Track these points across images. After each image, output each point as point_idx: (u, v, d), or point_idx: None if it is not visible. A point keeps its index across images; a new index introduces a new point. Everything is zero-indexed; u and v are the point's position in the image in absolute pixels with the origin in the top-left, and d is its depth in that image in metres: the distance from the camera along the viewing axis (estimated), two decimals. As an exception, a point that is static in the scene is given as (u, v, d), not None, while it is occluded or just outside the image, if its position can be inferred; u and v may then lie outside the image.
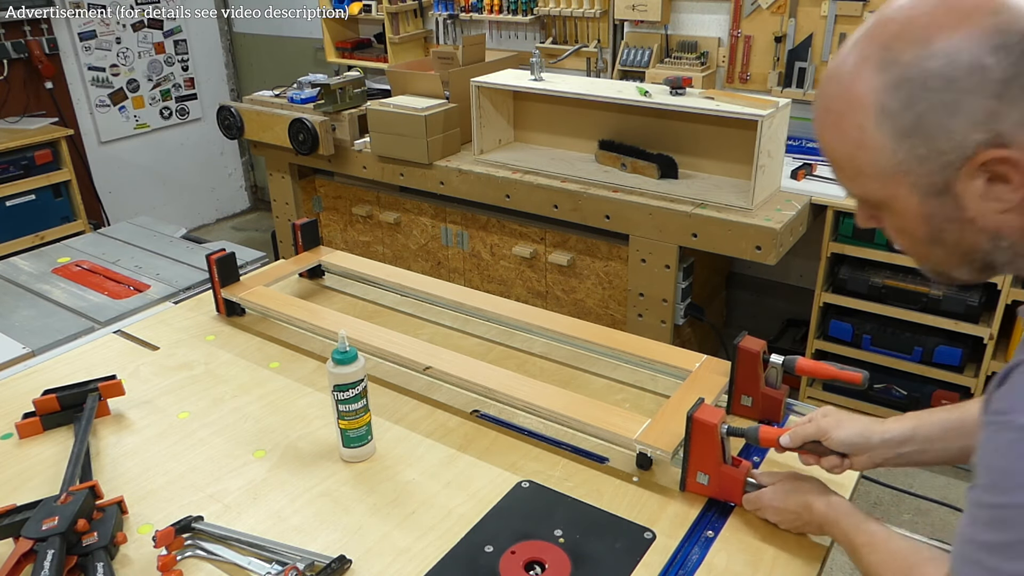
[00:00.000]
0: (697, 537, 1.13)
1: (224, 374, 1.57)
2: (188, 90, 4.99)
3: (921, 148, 0.71)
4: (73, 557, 1.07)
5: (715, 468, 1.17)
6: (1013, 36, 0.66)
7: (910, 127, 0.70)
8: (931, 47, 0.68)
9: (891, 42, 0.71)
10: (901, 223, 0.78)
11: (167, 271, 2.10)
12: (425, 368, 1.46)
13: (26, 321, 1.84)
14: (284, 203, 3.82)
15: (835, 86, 0.76)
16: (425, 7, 3.98)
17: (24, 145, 3.83)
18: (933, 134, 0.70)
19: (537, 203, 2.92)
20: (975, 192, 0.71)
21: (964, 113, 0.68)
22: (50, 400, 1.40)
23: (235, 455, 1.33)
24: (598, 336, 1.57)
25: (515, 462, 1.30)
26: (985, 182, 0.70)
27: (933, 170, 0.71)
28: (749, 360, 1.33)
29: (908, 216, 0.76)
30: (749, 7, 3.07)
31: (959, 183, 0.71)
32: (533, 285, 3.19)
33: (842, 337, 2.91)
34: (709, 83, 3.22)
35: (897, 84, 0.70)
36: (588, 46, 3.49)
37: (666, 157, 2.85)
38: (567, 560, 1.08)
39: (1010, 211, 0.71)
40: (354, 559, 1.09)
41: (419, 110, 3.08)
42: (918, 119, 0.70)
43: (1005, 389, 0.70)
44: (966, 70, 0.67)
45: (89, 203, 4.38)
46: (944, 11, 0.69)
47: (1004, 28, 0.66)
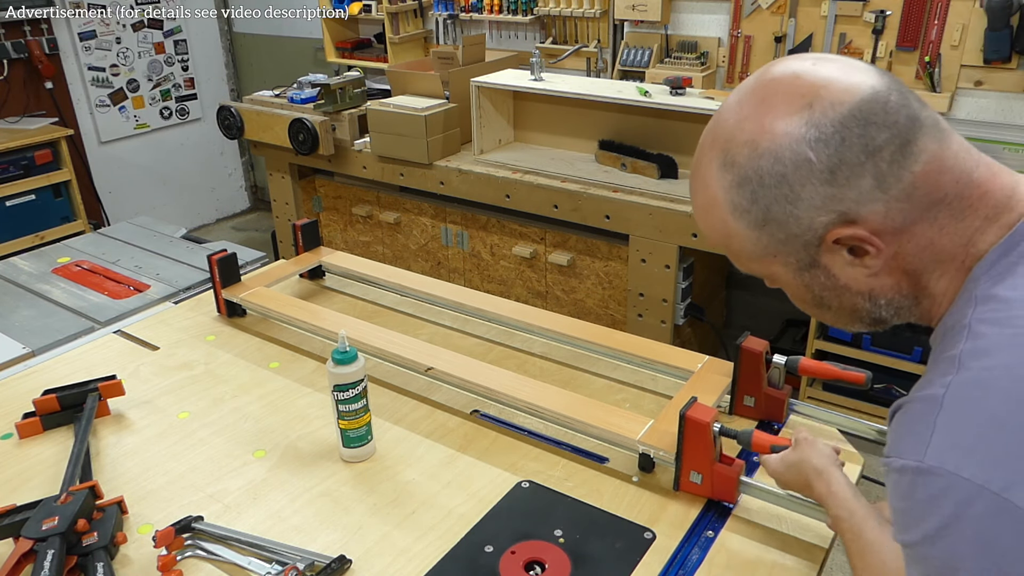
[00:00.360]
0: (697, 537, 1.13)
1: (224, 374, 1.57)
2: (188, 90, 4.99)
3: (779, 233, 0.75)
4: (73, 557, 1.07)
5: (708, 467, 1.17)
6: (827, 128, 0.70)
7: (762, 218, 0.75)
8: (759, 147, 0.72)
9: (727, 144, 0.75)
10: (790, 291, 0.83)
11: (167, 271, 2.10)
12: (427, 369, 1.46)
13: (26, 321, 1.84)
14: (284, 203, 3.82)
15: (697, 183, 0.81)
16: (425, 7, 3.98)
17: (24, 145, 3.83)
18: (784, 222, 0.74)
19: (537, 203, 2.92)
20: (842, 262, 0.75)
21: (804, 201, 0.72)
22: (50, 400, 1.40)
23: (235, 455, 1.33)
24: (598, 336, 1.57)
25: (515, 462, 1.30)
26: (848, 253, 0.74)
27: (796, 249, 0.75)
28: (752, 360, 1.33)
29: (791, 287, 0.82)
30: (749, 7, 3.07)
31: (823, 257, 0.75)
32: (533, 285, 3.19)
33: (842, 337, 2.91)
34: (709, 83, 3.22)
35: (740, 183, 0.75)
36: (588, 46, 3.48)
37: (666, 157, 2.85)
38: (567, 560, 1.08)
39: (878, 274, 0.75)
40: (354, 559, 1.09)
41: (419, 110, 3.08)
42: (766, 211, 0.74)
43: (889, 431, 0.73)
44: (792, 165, 0.71)
45: (89, 203, 4.38)
46: (765, 109, 0.73)
47: (817, 122, 0.70)
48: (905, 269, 0.74)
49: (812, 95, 0.71)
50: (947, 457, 0.64)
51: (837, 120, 0.69)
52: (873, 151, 0.69)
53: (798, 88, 0.72)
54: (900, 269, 0.75)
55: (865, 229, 0.71)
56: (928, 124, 0.71)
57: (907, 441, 0.68)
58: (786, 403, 1.36)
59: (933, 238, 0.72)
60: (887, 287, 0.76)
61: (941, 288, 0.75)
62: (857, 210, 0.71)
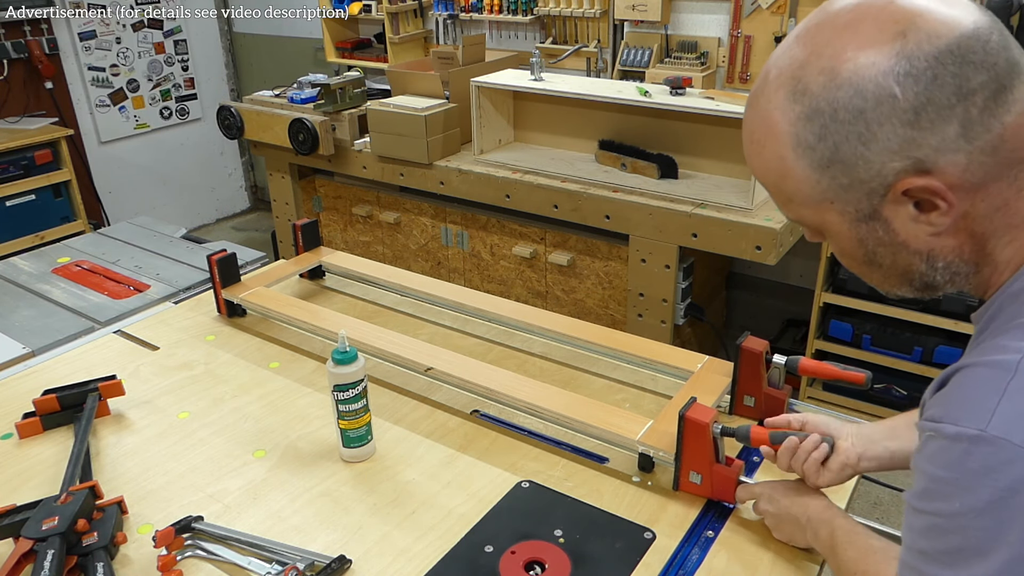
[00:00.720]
0: (697, 537, 1.13)
1: (224, 374, 1.57)
2: (188, 90, 4.99)
3: (843, 177, 0.69)
4: (73, 557, 1.07)
5: (707, 467, 1.17)
6: (919, 62, 0.63)
7: (828, 158, 0.69)
8: (838, 77, 0.66)
9: (800, 71, 0.69)
10: (839, 245, 0.77)
11: (167, 271, 2.10)
12: (426, 369, 1.46)
13: (26, 321, 1.84)
14: (284, 203, 3.82)
15: (754, 114, 0.74)
16: (425, 7, 3.98)
17: (24, 145, 3.83)
18: (852, 164, 0.68)
19: (537, 203, 2.92)
20: (905, 217, 0.70)
21: (878, 142, 0.66)
22: (50, 400, 1.40)
23: (235, 455, 1.33)
24: (598, 336, 1.57)
25: (515, 462, 1.30)
26: (913, 207, 0.69)
27: (858, 197, 0.70)
28: (752, 360, 1.33)
29: (843, 239, 0.75)
30: (749, 7, 3.07)
31: (886, 209, 0.70)
32: (533, 285, 3.19)
33: (842, 337, 2.91)
34: (709, 83, 3.22)
35: (809, 116, 0.68)
36: (588, 46, 3.48)
37: (666, 157, 2.85)
38: (567, 560, 1.08)
39: (941, 234, 0.70)
40: (354, 559, 1.09)
41: (419, 110, 3.08)
42: (835, 149, 0.68)
43: (940, 395, 0.69)
44: (874, 100, 0.65)
45: (89, 203, 4.38)
46: (851, 35, 0.66)
47: (910, 54, 0.64)
48: (972, 231, 0.69)
49: (907, 23, 0.64)
50: (1015, 428, 0.60)
51: (932, 55, 0.63)
52: (966, 94, 0.63)
53: (892, 14, 0.65)
54: (967, 230, 0.69)
55: (940, 181, 0.65)
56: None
57: (967, 406, 0.63)
58: (786, 403, 1.36)
59: (1009, 200, 0.67)
60: (948, 249, 0.70)
61: (1007, 256, 0.69)
62: (935, 159, 0.65)
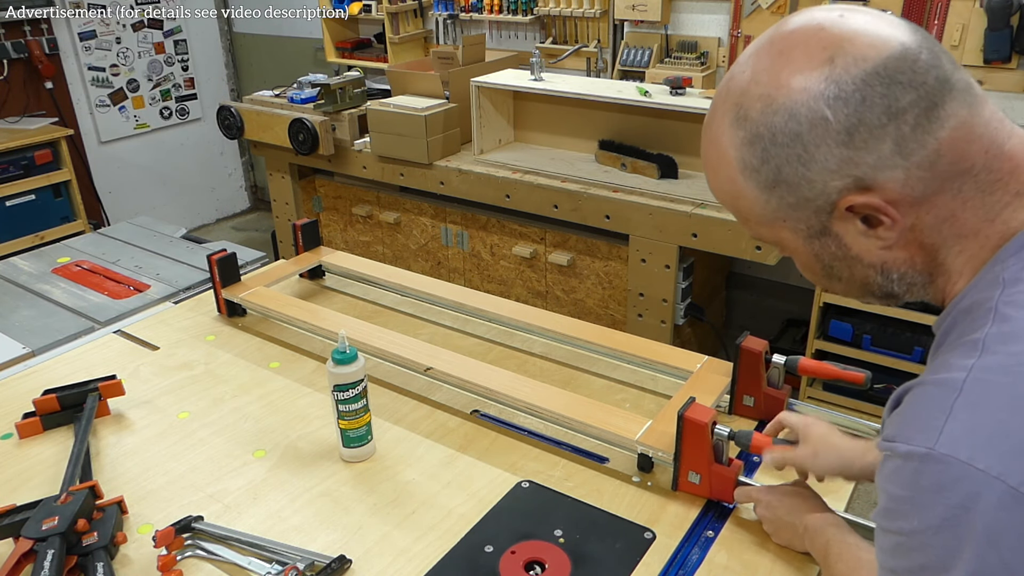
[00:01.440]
0: (697, 537, 1.13)
1: (224, 374, 1.57)
2: (188, 90, 4.99)
3: (789, 197, 0.71)
4: (73, 557, 1.07)
5: (706, 467, 1.17)
6: (848, 86, 0.65)
7: (772, 179, 0.71)
8: (774, 103, 0.68)
9: (741, 99, 0.71)
10: (798, 260, 0.79)
11: (167, 271, 2.10)
12: (426, 369, 1.46)
13: (26, 321, 1.84)
14: (284, 203, 3.82)
15: (707, 139, 0.76)
16: (425, 7, 3.98)
17: (24, 145, 3.83)
18: (795, 184, 0.70)
19: (537, 203, 2.92)
20: (855, 232, 0.71)
21: (817, 163, 0.67)
22: (50, 400, 1.40)
23: (235, 455, 1.33)
24: (598, 336, 1.57)
25: (515, 462, 1.30)
26: (861, 222, 0.70)
27: (807, 215, 0.72)
28: (751, 360, 1.33)
29: (800, 255, 0.77)
30: (749, 7, 3.07)
31: (835, 225, 0.71)
32: (533, 285, 3.19)
33: (842, 337, 2.91)
34: (709, 83, 3.21)
35: (751, 140, 0.70)
36: (588, 46, 3.48)
37: (666, 157, 2.85)
38: (567, 560, 1.08)
39: (892, 247, 0.71)
40: (354, 559, 1.09)
41: (419, 110, 3.08)
42: (777, 171, 0.70)
43: (895, 414, 0.69)
44: (808, 124, 0.67)
45: (89, 203, 4.38)
46: (784, 62, 0.68)
47: (838, 78, 0.65)
48: (922, 243, 0.70)
49: (835, 48, 0.66)
50: (960, 445, 0.60)
51: (859, 77, 0.65)
52: (896, 113, 0.65)
53: (820, 40, 0.67)
54: (916, 243, 0.70)
55: (881, 197, 0.67)
56: (959, 88, 0.66)
57: (917, 425, 0.64)
58: (786, 403, 1.36)
59: (955, 211, 0.68)
60: (901, 261, 0.72)
61: (958, 266, 0.70)
62: (874, 176, 0.66)
